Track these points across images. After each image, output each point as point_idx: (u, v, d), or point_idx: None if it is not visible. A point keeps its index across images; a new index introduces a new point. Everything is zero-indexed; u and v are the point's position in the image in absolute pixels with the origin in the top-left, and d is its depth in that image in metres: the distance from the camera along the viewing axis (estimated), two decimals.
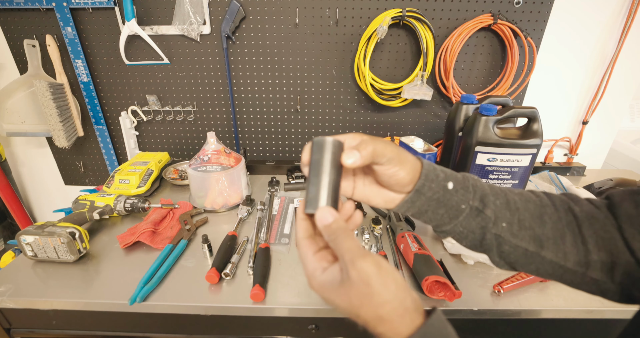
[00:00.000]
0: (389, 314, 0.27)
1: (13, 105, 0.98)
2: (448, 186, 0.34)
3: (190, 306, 0.56)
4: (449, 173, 0.35)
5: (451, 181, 0.34)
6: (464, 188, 0.34)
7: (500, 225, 0.34)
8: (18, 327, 0.61)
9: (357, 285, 0.27)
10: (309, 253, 0.31)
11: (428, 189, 0.33)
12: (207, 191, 0.81)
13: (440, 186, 0.34)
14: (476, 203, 0.34)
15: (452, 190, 0.34)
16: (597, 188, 0.87)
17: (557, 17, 0.90)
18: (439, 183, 0.34)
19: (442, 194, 0.34)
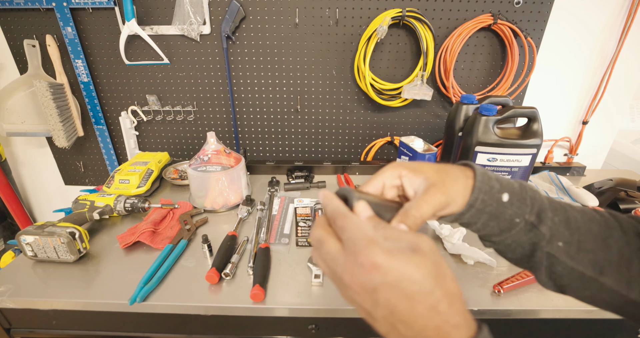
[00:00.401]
0: (454, 302, 0.24)
1: (13, 105, 0.98)
2: (503, 198, 0.31)
3: (190, 306, 0.56)
4: (505, 182, 0.32)
5: (507, 193, 0.31)
6: (521, 200, 0.31)
7: (555, 243, 0.31)
8: (18, 327, 0.61)
9: (431, 256, 0.24)
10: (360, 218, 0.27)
11: (481, 203, 0.31)
12: (207, 191, 0.81)
13: (495, 199, 0.31)
14: (532, 217, 0.31)
15: (507, 203, 0.31)
16: (597, 188, 0.87)
17: (557, 17, 0.90)
18: (493, 195, 0.31)
19: (495, 206, 0.31)
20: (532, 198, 0.32)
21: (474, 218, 0.32)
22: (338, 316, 0.56)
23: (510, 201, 0.31)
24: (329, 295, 0.57)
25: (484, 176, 0.32)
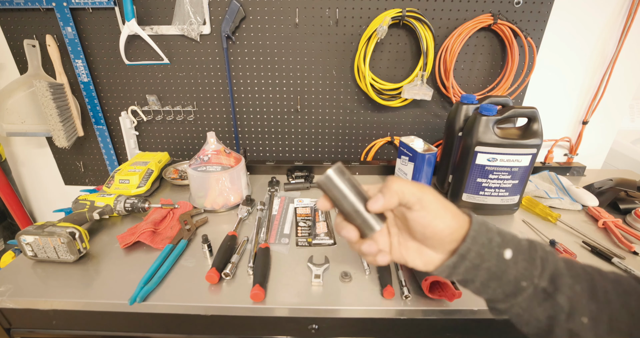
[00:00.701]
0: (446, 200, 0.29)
1: (13, 105, 0.98)
2: (504, 254, 0.27)
3: (190, 306, 0.56)
4: (509, 237, 0.28)
5: (510, 249, 0.27)
6: (528, 259, 0.27)
7: (578, 319, 0.26)
8: (18, 327, 0.61)
9: None
10: None
11: (476, 256, 0.27)
12: (207, 191, 0.81)
13: (494, 254, 0.27)
14: (544, 283, 0.27)
15: (510, 261, 0.27)
16: (597, 188, 0.87)
17: (557, 17, 0.90)
18: (492, 250, 0.27)
19: (494, 263, 0.27)
20: (543, 258, 0.27)
21: (470, 273, 0.28)
22: (338, 316, 0.56)
23: (515, 260, 0.27)
24: (329, 295, 0.57)
25: (482, 226, 0.28)
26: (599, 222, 0.76)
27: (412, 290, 0.57)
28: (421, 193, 0.28)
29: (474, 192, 0.78)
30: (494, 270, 0.27)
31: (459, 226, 0.28)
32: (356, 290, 0.58)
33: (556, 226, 0.77)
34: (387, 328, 0.57)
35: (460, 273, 0.29)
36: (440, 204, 0.28)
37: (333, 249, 0.69)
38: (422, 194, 0.28)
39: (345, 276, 0.60)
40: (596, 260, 0.66)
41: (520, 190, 0.78)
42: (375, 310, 0.55)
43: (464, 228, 0.28)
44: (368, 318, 0.56)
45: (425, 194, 0.28)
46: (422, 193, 0.28)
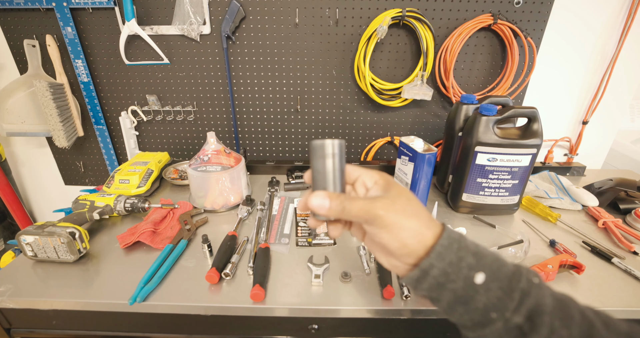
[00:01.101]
0: (422, 212, 0.28)
1: (13, 105, 0.98)
2: (475, 278, 0.24)
3: (190, 306, 0.56)
4: (489, 259, 0.25)
5: (483, 273, 0.24)
6: (505, 289, 0.24)
7: None
8: (18, 327, 0.61)
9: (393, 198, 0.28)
10: None
11: (440, 274, 0.25)
12: (207, 191, 0.81)
13: (461, 275, 0.24)
14: (518, 318, 0.23)
15: (481, 286, 0.24)
16: (597, 188, 0.87)
17: (557, 17, 0.90)
18: (460, 270, 0.24)
19: (461, 285, 0.24)
20: (525, 291, 0.24)
21: (434, 291, 0.26)
22: (338, 316, 0.56)
23: (487, 286, 0.24)
24: (329, 295, 0.57)
25: (453, 243, 0.25)
26: (599, 222, 0.76)
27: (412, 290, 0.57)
28: (381, 209, 0.27)
29: (474, 192, 0.78)
30: (461, 293, 0.24)
31: (423, 241, 0.26)
32: (356, 290, 0.58)
33: (556, 226, 0.77)
34: (387, 328, 0.57)
35: (424, 289, 0.27)
36: (403, 220, 0.27)
37: (333, 249, 0.69)
38: (381, 211, 0.27)
39: (345, 276, 0.60)
40: (596, 260, 0.66)
41: (520, 190, 0.78)
42: (375, 310, 0.55)
43: (429, 242, 0.26)
44: (368, 318, 0.56)
45: (386, 212, 0.27)
46: (381, 210, 0.27)
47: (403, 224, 0.26)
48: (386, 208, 0.27)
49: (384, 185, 0.30)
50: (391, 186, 0.30)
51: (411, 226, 0.26)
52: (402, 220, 0.27)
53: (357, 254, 0.67)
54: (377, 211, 0.27)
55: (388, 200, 0.28)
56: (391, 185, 0.30)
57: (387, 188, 0.30)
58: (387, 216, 0.26)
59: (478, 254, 0.26)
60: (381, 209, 0.27)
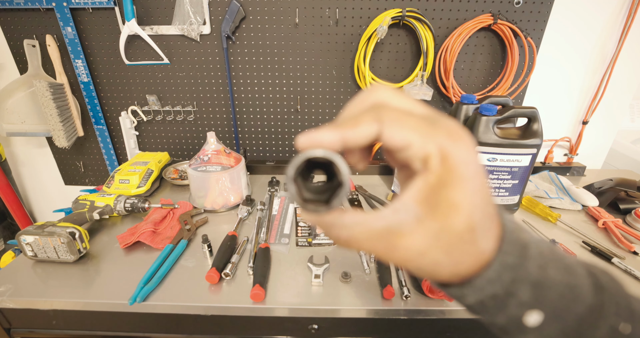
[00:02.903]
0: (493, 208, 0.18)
1: (13, 105, 0.98)
2: (526, 318, 0.18)
3: (190, 306, 0.56)
4: (557, 291, 0.18)
5: (540, 312, 0.18)
6: (570, 336, 0.18)
7: None
8: (18, 327, 0.61)
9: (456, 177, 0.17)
10: None
11: (474, 303, 0.19)
12: (207, 191, 0.81)
13: (506, 313, 0.18)
14: None
15: (533, 328, 0.18)
16: (597, 188, 0.87)
17: (557, 17, 0.90)
18: (506, 307, 0.18)
19: (503, 322, 0.19)
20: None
21: (474, 313, 0.20)
22: (338, 316, 0.56)
23: (541, 329, 0.18)
24: (329, 295, 0.57)
25: (505, 273, 0.18)
26: (599, 222, 0.76)
27: (412, 290, 0.57)
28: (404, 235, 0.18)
29: None
30: (501, 325, 0.19)
31: (458, 273, 0.19)
32: (356, 290, 0.58)
33: (556, 226, 0.77)
34: (387, 328, 0.57)
35: (464, 304, 0.20)
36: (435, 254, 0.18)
37: (333, 249, 0.69)
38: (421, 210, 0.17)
39: (345, 276, 0.60)
40: (596, 260, 0.66)
41: (520, 190, 0.78)
42: (375, 310, 0.55)
43: (469, 271, 0.18)
44: (368, 318, 0.56)
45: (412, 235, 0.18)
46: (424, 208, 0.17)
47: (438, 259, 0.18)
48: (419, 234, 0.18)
49: (436, 184, 0.17)
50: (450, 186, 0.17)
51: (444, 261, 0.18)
52: (434, 252, 0.18)
53: (357, 254, 0.67)
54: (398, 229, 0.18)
55: (432, 229, 0.18)
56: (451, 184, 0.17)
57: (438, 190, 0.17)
58: (411, 239, 0.18)
59: (541, 285, 0.18)
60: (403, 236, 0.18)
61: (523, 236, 0.19)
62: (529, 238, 0.19)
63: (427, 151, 0.17)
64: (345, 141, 0.18)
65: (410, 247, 0.18)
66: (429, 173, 0.17)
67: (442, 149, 0.17)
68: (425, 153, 0.17)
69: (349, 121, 0.18)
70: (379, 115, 0.18)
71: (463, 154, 0.17)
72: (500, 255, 0.18)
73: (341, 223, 0.19)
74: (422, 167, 0.17)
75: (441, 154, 0.17)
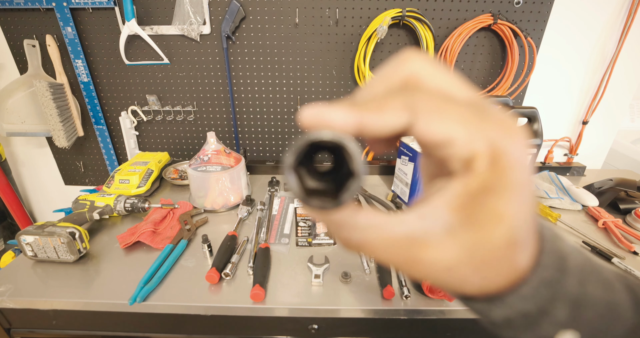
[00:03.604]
0: None
1: (13, 105, 0.98)
2: None
3: (190, 306, 0.56)
4: (595, 310, 0.16)
5: (577, 332, 0.16)
6: None
7: None
8: (18, 327, 0.61)
9: None
10: None
11: (501, 320, 0.17)
12: (207, 191, 0.81)
13: (537, 332, 0.17)
14: None
15: None
16: (597, 188, 0.87)
17: (557, 17, 0.90)
18: (539, 326, 0.17)
19: None
20: None
21: (500, 318, 0.17)
22: (338, 316, 0.56)
23: None
24: (329, 295, 0.57)
25: (543, 289, 0.16)
26: (599, 222, 0.76)
27: (412, 290, 0.57)
28: None
29: None
30: None
31: (485, 289, 0.16)
32: (356, 290, 0.58)
33: (556, 226, 0.77)
34: (387, 328, 0.57)
35: (498, 315, 0.18)
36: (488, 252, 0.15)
37: (333, 249, 0.69)
38: None
39: (345, 276, 0.60)
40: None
41: None
42: (375, 310, 0.55)
43: (501, 285, 0.16)
44: (368, 318, 0.56)
45: None
46: None
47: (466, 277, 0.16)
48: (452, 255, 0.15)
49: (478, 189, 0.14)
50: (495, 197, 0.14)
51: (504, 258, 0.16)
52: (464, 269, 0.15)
53: (357, 254, 0.67)
54: None
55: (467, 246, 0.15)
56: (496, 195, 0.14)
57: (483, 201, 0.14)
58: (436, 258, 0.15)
59: (579, 303, 0.16)
60: None
61: (561, 246, 0.17)
62: (567, 249, 0.17)
63: (474, 151, 0.14)
64: (363, 127, 0.15)
65: (435, 261, 0.15)
66: (473, 176, 0.14)
67: (494, 148, 0.14)
68: (470, 153, 0.14)
69: (372, 102, 0.15)
70: (412, 101, 0.14)
71: (518, 156, 0.14)
72: (539, 270, 0.16)
73: (354, 223, 0.16)
74: (463, 168, 0.15)
75: (491, 154, 0.14)
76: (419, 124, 0.14)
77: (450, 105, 0.14)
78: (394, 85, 0.16)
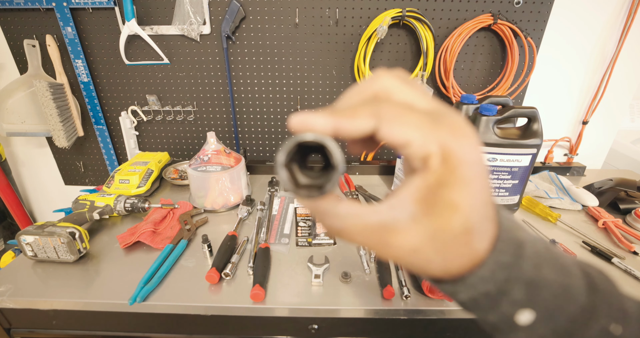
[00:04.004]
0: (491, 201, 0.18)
1: (13, 105, 0.98)
2: (517, 317, 0.18)
3: (190, 306, 0.56)
4: (550, 291, 0.18)
5: (532, 311, 0.18)
6: (562, 335, 0.18)
7: None
8: (18, 327, 0.61)
9: None
10: None
11: (467, 300, 0.19)
12: (207, 191, 0.81)
13: (498, 311, 0.19)
14: None
15: (524, 327, 0.18)
16: (597, 188, 0.87)
17: (557, 17, 0.90)
18: (498, 306, 0.18)
19: (495, 319, 0.19)
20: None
21: (467, 308, 0.20)
22: (338, 316, 0.56)
23: (532, 328, 0.18)
24: (329, 295, 0.57)
25: (500, 272, 0.18)
26: (599, 222, 0.76)
27: (412, 290, 0.57)
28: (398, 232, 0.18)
29: None
30: (493, 322, 0.20)
31: (449, 271, 0.19)
32: (356, 290, 0.58)
33: (556, 226, 0.77)
34: (387, 328, 0.57)
35: (462, 296, 0.20)
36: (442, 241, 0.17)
37: (333, 249, 0.69)
38: None
39: (345, 276, 0.60)
40: (596, 260, 0.66)
41: (520, 190, 0.78)
42: (375, 310, 0.55)
43: (463, 269, 0.19)
44: (368, 318, 0.56)
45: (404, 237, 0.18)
46: None
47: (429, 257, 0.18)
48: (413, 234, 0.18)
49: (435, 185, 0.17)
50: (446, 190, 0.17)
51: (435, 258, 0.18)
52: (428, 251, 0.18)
53: (357, 254, 0.67)
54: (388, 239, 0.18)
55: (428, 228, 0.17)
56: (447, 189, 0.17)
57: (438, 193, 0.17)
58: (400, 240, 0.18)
59: (535, 285, 0.18)
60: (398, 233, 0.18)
61: (520, 234, 0.19)
62: (525, 237, 0.19)
63: (427, 150, 0.16)
64: (338, 130, 0.18)
65: (402, 245, 0.18)
66: (429, 172, 0.17)
67: (444, 148, 0.16)
68: (425, 152, 0.17)
69: (347, 110, 0.18)
70: (378, 110, 0.17)
71: (466, 154, 0.17)
72: (495, 254, 0.18)
73: (335, 212, 0.19)
74: (422, 166, 0.17)
75: (442, 153, 0.16)
76: (383, 128, 0.17)
77: (410, 113, 0.17)
78: (366, 97, 0.19)
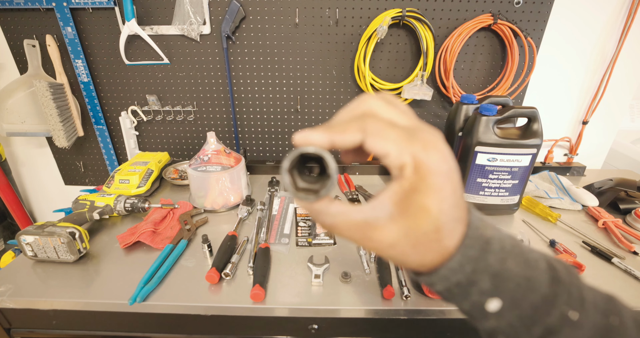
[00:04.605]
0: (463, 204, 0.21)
1: (13, 105, 0.98)
2: (487, 304, 0.21)
3: (190, 306, 0.56)
4: (515, 282, 0.21)
5: (499, 299, 0.21)
6: (525, 320, 0.21)
7: None
8: (18, 327, 0.61)
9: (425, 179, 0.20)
10: None
11: (442, 290, 0.22)
12: (207, 191, 0.81)
13: (470, 299, 0.22)
14: None
15: (493, 313, 0.21)
16: (597, 188, 0.87)
17: (557, 17, 0.90)
18: (469, 295, 0.21)
19: (467, 307, 0.22)
20: (550, 329, 0.20)
21: (444, 297, 0.23)
22: (338, 316, 0.56)
23: (500, 314, 0.21)
24: (329, 295, 0.57)
25: (467, 264, 0.21)
26: (599, 222, 0.76)
27: (412, 290, 0.57)
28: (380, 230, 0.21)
29: (474, 192, 0.78)
30: (466, 310, 0.23)
31: (424, 264, 0.22)
32: (356, 290, 0.58)
33: (556, 226, 0.77)
34: (387, 328, 0.57)
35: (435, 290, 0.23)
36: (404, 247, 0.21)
37: (333, 249, 0.69)
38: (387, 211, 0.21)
39: (345, 276, 0.60)
40: (596, 260, 0.66)
41: (520, 190, 0.78)
42: (375, 310, 0.55)
43: (435, 262, 0.22)
44: (368, 318, 0.56)
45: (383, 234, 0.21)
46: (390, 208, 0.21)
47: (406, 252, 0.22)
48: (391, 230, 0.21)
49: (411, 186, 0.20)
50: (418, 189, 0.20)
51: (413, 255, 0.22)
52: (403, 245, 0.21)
53: (357, 254, 0.67)
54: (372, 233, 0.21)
55: (404, 225, 0.21)
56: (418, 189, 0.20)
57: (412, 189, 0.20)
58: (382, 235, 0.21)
59: (500, 276, 0.21)
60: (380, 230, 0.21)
61: (488, 232, 0.22)
62: (492, 234, 0.22)
63: (402, 161, 0.20)
64: (332, 143, 0.21)
65: (382, 239, 0.21)
66: (404, 179, 0.20)
67: (416, 159, 0.20)
68: (400, 162, 0.20)
69: (339, 126, 0.21)
70: (364, 125, 0.20)
71: (435, 165, 0.20)
72: (463, 249, 0.21)
73: (328, 211, 0.22)
74: (399, 174, 0.20)
75: (414, 164, 0.20)
76: (368, 141, 0.20)
77: (390, 129, 0.20)
78: (356, 115, 0.22)
